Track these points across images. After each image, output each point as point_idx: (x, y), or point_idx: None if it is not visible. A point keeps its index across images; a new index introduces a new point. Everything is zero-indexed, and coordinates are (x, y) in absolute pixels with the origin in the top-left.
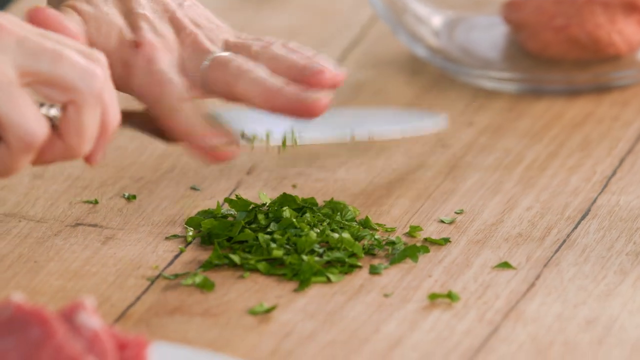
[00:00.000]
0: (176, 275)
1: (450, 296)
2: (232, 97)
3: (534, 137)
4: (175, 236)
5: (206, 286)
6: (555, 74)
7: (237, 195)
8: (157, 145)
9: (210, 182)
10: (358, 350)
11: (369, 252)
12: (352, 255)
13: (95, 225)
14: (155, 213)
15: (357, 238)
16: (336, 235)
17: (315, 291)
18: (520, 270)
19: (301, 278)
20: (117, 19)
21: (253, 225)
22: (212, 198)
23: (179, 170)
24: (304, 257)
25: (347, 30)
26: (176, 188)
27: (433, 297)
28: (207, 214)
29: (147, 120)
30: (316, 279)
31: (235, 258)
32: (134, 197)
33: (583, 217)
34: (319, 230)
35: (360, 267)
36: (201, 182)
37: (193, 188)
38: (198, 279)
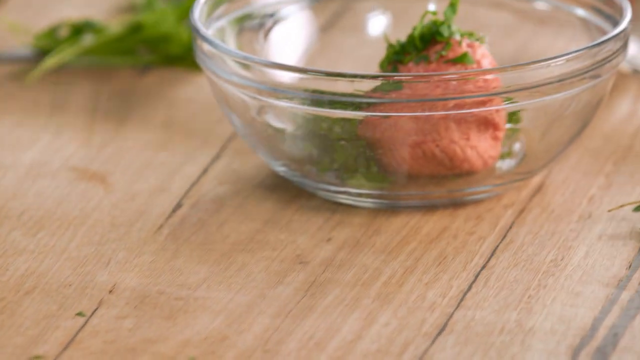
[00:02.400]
0: None
1: None
2: None
3: (391, 252)
4: (37, 357)
5: None
6: (411, 190)
7: None
8: (18, 265)
9: (73, 301)
10: None
11: None
12: None
13: None
14: (17, 334)
15: None
16: None
17: None
18: None
19: None
20: None
21: None
22: (74, 318)
23: (41, 290)
24: None
25: (208, 146)
26: (38, 308)
27: None
28: None
29: None
30: None
31: None
32: None
33: (440, 333)
34: None
35: None
36: (64, 301)
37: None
38: None
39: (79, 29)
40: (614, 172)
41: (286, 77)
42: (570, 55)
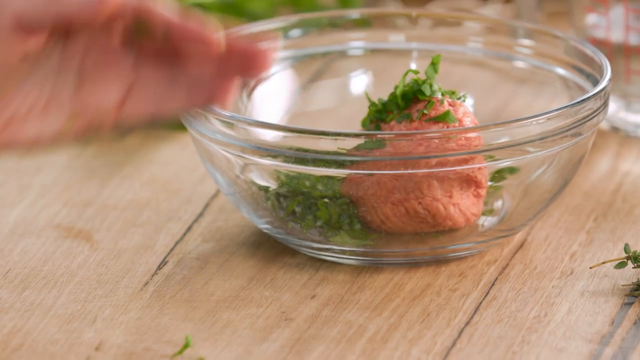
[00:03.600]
0: None
1: None
2: None
3: (376, 309)
4: None
5: None
6: (394, 247)
7: None
8: (4, 323)
9: (59, 358)
10: None
11: None
12: None
13: None
14: None
15: None
16: None
17: None
18: None
19: None
20: None
21: None
22: None
23: (27, 348)
24: None
25: (191, 204)
26: None
27: None
28: None
29: None
30: None
31: None
32: None
33: None
34: None
35: None
36: (50, 359)
37: None
38: None
39: None
40: (594, 229)
41: (270, 135)
42: (551, 114)
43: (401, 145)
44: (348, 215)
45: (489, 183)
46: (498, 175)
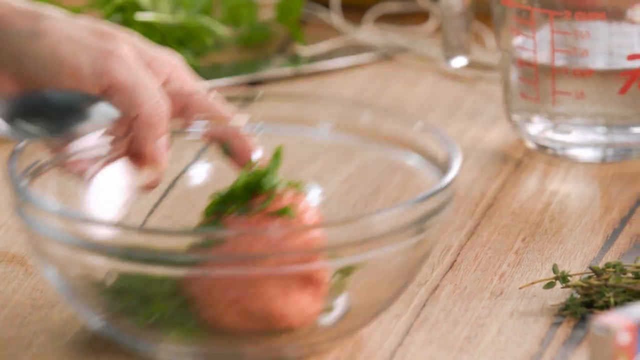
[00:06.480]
0: None
1: None
2: None
3: None
4: None
5: None
6: (228, 347)
7: None
8: None
9: None
10: None
11: None
12: None
13: None
14: None
15: None
16: None
17: None
18: None
19: None
20: None
21: None
22: None
23: None
24: None
25: None
26: None
27: None
28: None
29: None
30: None
31: None
32: None
33: None
34: None
35: None
36: None
37: None
38: None
39: None
40: (523, 249)
41: (103, 232)
42: (395, 211)
43: (238, 242)
44: (183, 313)
45: (330, 280)
46: (340, 272)
